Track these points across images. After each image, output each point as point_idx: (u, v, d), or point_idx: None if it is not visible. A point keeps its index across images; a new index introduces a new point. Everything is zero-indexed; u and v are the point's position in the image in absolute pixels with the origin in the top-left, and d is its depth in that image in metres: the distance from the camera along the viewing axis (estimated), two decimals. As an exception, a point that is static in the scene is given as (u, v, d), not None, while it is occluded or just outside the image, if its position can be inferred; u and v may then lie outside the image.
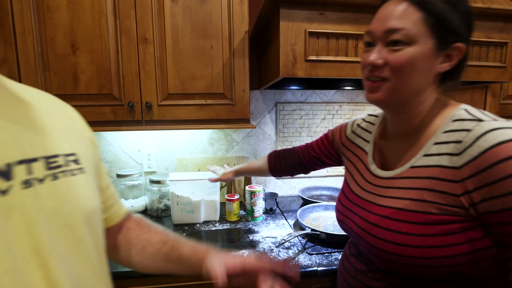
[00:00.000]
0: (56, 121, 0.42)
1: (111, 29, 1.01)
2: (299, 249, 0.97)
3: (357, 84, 1.36)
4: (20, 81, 0.98)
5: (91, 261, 0.39)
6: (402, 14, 0.49)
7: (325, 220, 1.18)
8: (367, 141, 0.67)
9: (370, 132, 0.68)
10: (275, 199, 1.43)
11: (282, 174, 0.96)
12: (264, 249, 0.98)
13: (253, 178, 1.51)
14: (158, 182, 1.29)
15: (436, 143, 0.50)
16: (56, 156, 0.37)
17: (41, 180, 0.34)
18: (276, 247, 0.99)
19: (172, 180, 1.15)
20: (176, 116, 1.09)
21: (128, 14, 1.02)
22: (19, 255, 0.30)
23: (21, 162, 0.32)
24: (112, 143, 1.39)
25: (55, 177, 0.36)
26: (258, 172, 1.02)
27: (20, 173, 0.32)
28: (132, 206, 1.31)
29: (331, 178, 1.59)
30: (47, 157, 0.36)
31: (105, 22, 1.00)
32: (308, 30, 0.90)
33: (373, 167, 0.61)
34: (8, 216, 0.30)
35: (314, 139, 1.54)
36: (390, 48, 0.50)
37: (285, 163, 0.93)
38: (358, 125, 0.73)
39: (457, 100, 0.55)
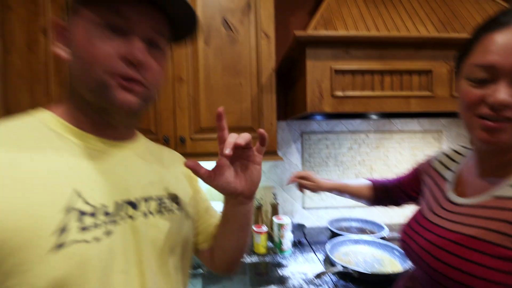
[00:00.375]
0: (167, 167, 0.55)
1: (150, 71, 1.11)
2: (330, 287, 0.94)
3: (383, 114, 1.36)
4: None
5: (170, 279, 0.48)
6: None
7: (356, 255, 1.13)
8: (450, 170, 0.65)
9: (455, 162, 0.66)
10: (303, 230, 1.41)
11: (381, 202, 0.94)
12: (294, 285, 0.96)
13: (280, 209, 1.51)
14: (187, 212, 1.32)
15: None
16: (164, 197, 0.50)
17: (152, 213, 0.46)
18: (307, 284, 0.97)
19: (201, 211, 1.18)
20: (207, 149, 1.14)
21: (166, 57, 1.11)
22: (131, 262, 0.41)
23: (146, 199, 0.47)
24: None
25: (161, 213, 0.48)
26: (356, 193, 0.97)
27: (142, 206, 0.46)
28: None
29: (360, 209, 1.55)
30: (159, 197, 0.49)
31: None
32: (333, 67, 0.94)
33: (451, 194, 0.59)
34: (133, 234, 0.42)
35: (341, 168, 1.53)
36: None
37: (384, 190, 0.91)
38: (445, 154, 0.71)
39: None
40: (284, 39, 1.45)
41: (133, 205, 0.44)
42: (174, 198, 0.52)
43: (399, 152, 1.57)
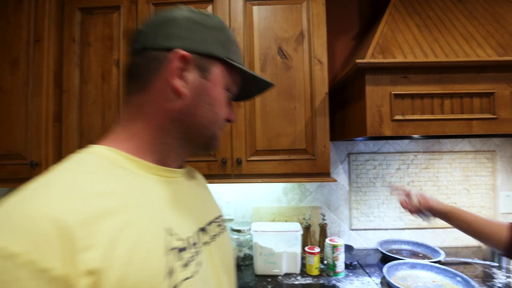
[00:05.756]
0: (204, 186, 0.59)
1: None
2: (395, 313, 0.92)
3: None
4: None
5: None
6: None
7: (415, 280, 1.10)
8: None
9: None
10: (351, 252, 1.39)
11: None
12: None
13: (328, 230, 1.50)
14: (238, 231, 1.36)
15: None
16: (218, 217, 0.55)
17: (217, 235, 0.50)
18: (369, 308, 0.95)
19: (256, 231, 1.21)
20: (262, 171, 1.19)
21: (224, 84, 1.19)
22: (209, 277, 0.43)
23: (210, 222, 0.50)
24: (196, 192, 1.53)
25: (221, 233, 0.52)
26: (487, 228, 0.79)
27: (210, 230, 0.48)
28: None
29: (409, 231, 1.51)
30: (216, 218, 0.53)
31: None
32: (393, 92, 0.96)
33: None
34: (211, 260, 0.45)
35: (389, 190, 1.51)
36: None
37: None
38: None
39: None
40: (330, 63, 1.50)
41: (204, 230, 0.46)
42: (221, 216, 0.57)
43: (449, 172, 1.52)
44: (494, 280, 1.12)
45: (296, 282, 1.15)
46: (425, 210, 0.88)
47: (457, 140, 1.53)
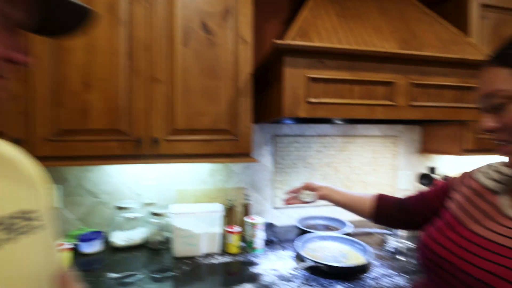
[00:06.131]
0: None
1: (124, 69, 1.08)
2: (302, 281, 1.00)
3: (349, 119, 1.47)
4: (34, 116, 1.01)
5: None
6: (493, 78, 0.50)
7: (324, 250, 1.21)
8: (505, 185, 0.59)
9: (505, 175, 0.61)
10: (273, 229, 1.46)
11: (385, 219, 0.86)
12: (266, 282, 1.00)
13: (252, 210, 1.55)
14: (158, 214, 1.30)
15: None
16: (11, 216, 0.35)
17: None
18: (280, 280, 1.01)
19: (174, 213, 1.17)
20: (182, 151, 1.13)
21: (141, 56, 1.09)
22: None
23: None
24: (112, 174, 1.40)
25: (10, 240, 0.33)
26: (357, 201, 0.90)
27: None
28: (130, 239, 1.30)
29: (325, 207, 1.65)
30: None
31: (118, 62, 1.07)
32: (309, 75, 1.00)
33: (510, 211, 0.54)
34: None
35: (309, 170, 1.62)
36: (497, 111, 0.50)
37: (393, 207, 0.84)
38: (496, 168, 0.65)
39: (439, 134, 0.58)
40: (258, 45, 1.49)
41: None
42: (14, 216, 0.36)
43: (361, 155, 1.69)
44: (385, 245, 1.31)
45: (215, 261, 1.16)
46: (309, 188, 0.99)
47: (369, 126, 1.70)
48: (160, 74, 1.10)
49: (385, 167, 1.74)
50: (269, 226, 1.48)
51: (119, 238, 1.29)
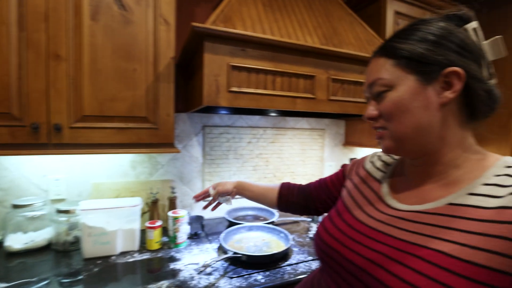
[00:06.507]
0: None
1: (13, 41, 0.91)
2: (221, 273, 0.99)
3: (279, 112, 1.50)
4: None
5: None
6: (375, 68, 0.52)
7: (248, 241, 1.22)
8: (385, 173, 0.62)
9: (389, 165, 0.64)
10: (201, 222, 1.42)
11: (289, 207, 0.88)
12: (185, 277, 0.96)
13: (179, 203, 1.48)
14: (66, 211, 1.15)
15: (487, 184, 0.43)
16: None
17: None
18: (198, 274, 0.98)
19: (83, 210, 1.05)
20: (91, 140, 1.01)
21: (37, 27, 0.93)
22: None
23: None
24: (9, 167, 1.19)
25: None
26: (264, 193, 0.92)
27: None
28: (32, 241, 1.13)
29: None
30: None
31: (6, 33, 0.89)
32: (230, 63, 0.97)
33: (388, 198, 0.55)
34: None
35: (240, 161, 1.61)
36: (378, 99, 0.52)
37: (296, 195, 0.86)
38: (379, 157, 0.68)
39: (359, 128, 0.63)
40: (187, 29, 1.42)
41: None
42: None
43: (291, 146, 1.75)
44: (309, 232, 1.38)
45: (131, 260, 1.08)
46: (222, 194, 0.99)
47: (298, 119, 1.76)
48: (63, 51, 0.96)
49: (313, 158, 1.83)
50: (197, 219, 1.43)
51: (17, 241, 1.10)
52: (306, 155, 1.81)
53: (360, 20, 1.42)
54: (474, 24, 0.49)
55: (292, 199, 0.87)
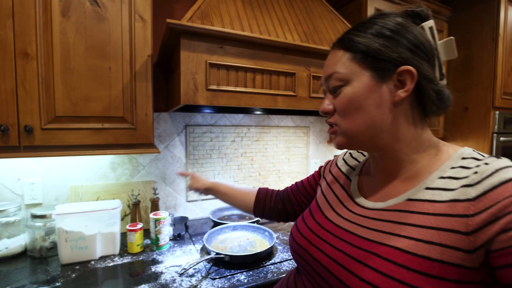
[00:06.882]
0: None
1: (-23, 40, 0.86)
2: (203, 275, 0.97)
3: (263, 110, 1.48)
4: None
5: None
6: (333, 61, 0.50)
7: (232, 241, 1.21)
8: (354, 169, 0.62)
9: (359, 162, 0.64)
10: (185, 223, 1.40)
11: (265, 212, 0.85)
12: (166, 280, 0.94)
13: (162, 204, 1.45)
14: (43, 216, 1.11)
15: (443, 177, 0.43)
16: None
17: None
18: (179, 276, 0.96)
19: (59, 214, 1.01)
20: (65, 141, 0.97)
21: (3, 24, 0.88)
22: None
23: None
24: (-21, 171, 1.14)
25: None
26: (239, 198, 0.89)
27: None
28: (6, 248, 1.08)
29: (242, 198, 1.65)
30: None
31: (-32, 30, 0.85)
32: (208, 61, 0.95)
33: (357, 196, 0.55)
34: None
35: (224, 161, 1.59)
36: (334, 94, 0.50)
37: (274, 199, 0.84)
38: (350, 154, 0.68)
39: None
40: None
41: None
42: None
43: (275, 144, 1.75)
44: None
45: (111, 264, 1.05)
46: (196, 189, 0.98)
47: (282, 117, 1.76)
48: (32, 49, 0.92)
49: (297, 156, 1.83)
50: (181, 220, 1.41)
51: (-12, 248, 1.06)
52: (291, 153, 1.81)
53: (341, 17, 1.42)
54: (430, 23, 0.48)
55: (270, 204, 0.84)
